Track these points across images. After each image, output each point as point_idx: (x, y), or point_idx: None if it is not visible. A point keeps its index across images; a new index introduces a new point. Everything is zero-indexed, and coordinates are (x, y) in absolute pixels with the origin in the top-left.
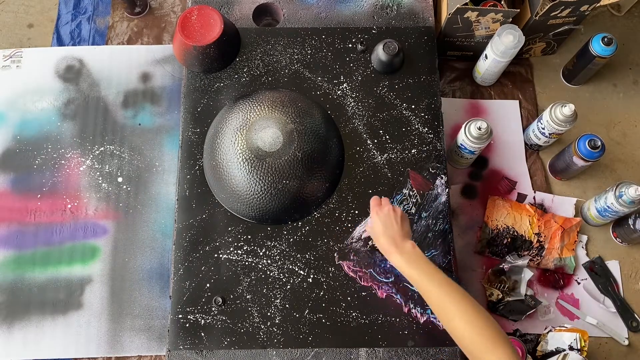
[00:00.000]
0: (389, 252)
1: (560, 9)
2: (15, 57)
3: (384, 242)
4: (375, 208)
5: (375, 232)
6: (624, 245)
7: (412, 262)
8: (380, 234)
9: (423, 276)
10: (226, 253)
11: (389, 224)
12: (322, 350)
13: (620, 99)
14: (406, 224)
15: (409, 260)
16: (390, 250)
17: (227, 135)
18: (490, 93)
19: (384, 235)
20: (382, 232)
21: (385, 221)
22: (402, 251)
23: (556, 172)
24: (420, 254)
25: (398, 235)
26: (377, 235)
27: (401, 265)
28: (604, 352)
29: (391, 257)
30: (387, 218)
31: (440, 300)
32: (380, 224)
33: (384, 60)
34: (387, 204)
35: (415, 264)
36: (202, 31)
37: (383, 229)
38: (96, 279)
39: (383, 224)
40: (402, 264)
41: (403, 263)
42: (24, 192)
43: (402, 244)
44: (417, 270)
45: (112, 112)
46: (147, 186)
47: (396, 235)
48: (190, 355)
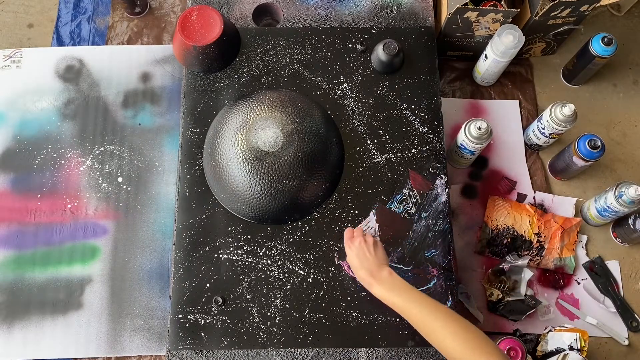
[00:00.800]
0: (369, 284)
1: (560, 9)
2: (15, 57)
3: (362, 275)
4: (348, 242)
5: (353, 266)
6: (624, 245)
7: (392, 290)
8: (357, 268)
9: (405, 302)
10: (226, 253)
11: (362, 256)
12: (322, 350)
13: (620, 99)
14: (380, 251)
15: (389, 288)
16: (370, 281)
17: (227, 135)
18: (490, 93)
19: (360, 269)
20: (358, 266)
21: (358, 254)
22: (380, 281)
23: (556, 172)
24: (398, 280)
25: (374, 265)
26: (355, 269)
27: (382, 295)
28: (604, 352)
29: (372, 289)
30: (359, 250)
31: (427, 322)
32: (354, 256)
33: (384, 60)
34: (359, 235)
35: (395, 291)
36: (202, 31)
37: (359, 262)
38: (96, 279)
39: (357, 257)
40: (382, 293)
41: (384, 292)
42: (24, 192)
43: (379, 273)
44: (398, 297)
45: (112, 112)
46: (147, 186)
47: (372, 266)
48: (190, 355)
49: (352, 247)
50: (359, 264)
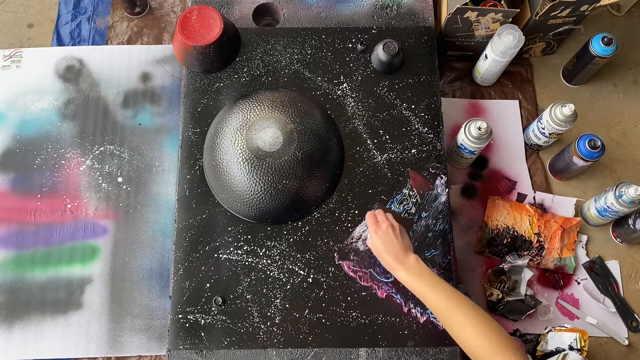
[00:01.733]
0: (393, 268)
1: (560, 9)
2: (15, 57)
3: (388, 260)
4: (373, 226)
5: (377, 251)
6: (624, 245)
7: (418, 276)
8: (382, 252)
9: (430, 289)
10: (226, 253)
11: (389, 241)
12: (322, 350)
13: (620, 99)
14: (406, 237)
15: (415, 274)
16: (395, 266)
17: (227, 135)
18: (490, 93)
19: (386, 253)
20: (384, 250)
21: (385, 239)
22: (406, 266)
23: (556, 172)
24: (424, 267)
25: (400, 250)
26: (380, 253)
27: (407, 280)
28: (604, 352)
29: (396, 273)
30: (386, 235)
31: (449, 312)
32: (380, 242)
33: (384, 60)
34: (384, 220)
35: (420, 278)
36: (202, 31)
37: (384, 247)
38: (96, 279)
39: (383, 242)
40: (407, 279)
41: (409, 278)
42: (24, 192)
43: (405, 259)
44: (423, 284)
45: (112, 112)
46: (147, 186)
47: (398, 252)
48: (190, 355)
49: (378, 231)
50: (384, 249)
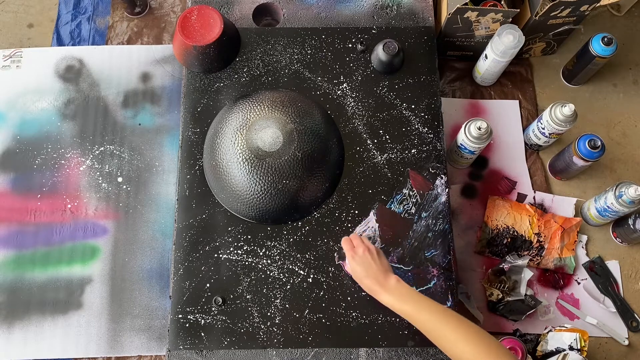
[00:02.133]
0: (375, 292)
1: (560, 9)
2: (15, 57)
3: (368, 284)
4: (350, 252)
5: (357, 275)
6: (624, 245)
7: (401, 298)
8: (362, 277)
9: (415, 309)
10: (226, 253)
11: (367, 264)
12: (322, 350)
13: (620, 99)
14: (384, 259)
15: (398, 296)
16: (377, 290)
17: (227, 135)
18: (490, 93)
19: (366, 277)
20: (364, 275)
21: (362, 263)
22: (388, 289)
23: (556, 172)
24: (406, 287)
25: (380, 273)
26: (359, 278)
27: (391, 303)
28: (604, 352)
29: (379, 296)
30: (363, 260)
31: (438, 329)
32: (359, 266)
33: (384, 60)
34: (360, 244)
35: (404, 299)
36: (202, 31)
37: (363, 271)
38: (96, 279)
39: (361, 266)
40: (391, 301)
41: (393, 301)
42: (24, 192)
43: (386, 281)
44: (408, 306)
45: (112, 112)
46: (147, 186)
47: (378, 274)
48: (190, 355)
49: (355, 256)
50: (364, 273)
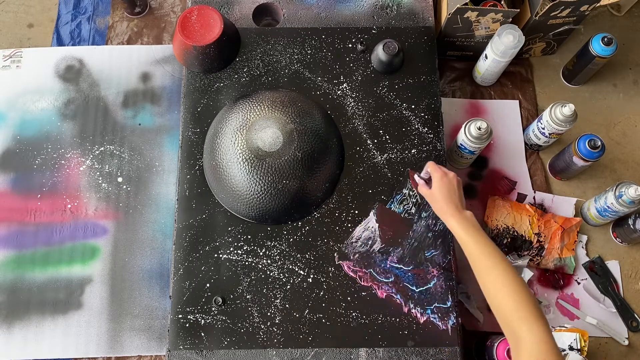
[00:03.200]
0: (449, 214)
1: (560, 9)
2: (15, 57)
3: (445, 205)
4: (439, 171)
5: (437, 195)
6: (624, 245)
7: (468, 229)
8: (443, 197)
9: (476, 243)
10: (226, 253)
11: (453, 190)
12: (322, 350)
13: (620, 99)
14: (462, 195)
15: (467, 226)
16: (452, 213)
17: (227, 135)
18: (490, 93)
19: (446, 199)
20: (446, 195)
21: (449, 187)
22: (462, 217)
23: (556, 172)
24: (477, 224)
25: (460, 203)
26: (438, 198)
27: (458, 230)
28: (604, 352)
29: (449, 220)
30: (450, 185)
31: (488, 268)
32: (444, 187)
33: (384, 60)
34: (453, 173)
35: (470, 230)
36: (202, 31)
37: (447, 193)
38: (96, 279)
39: (447, 188)
40: (459, 229)
41: (460, 229)
42: (24, 192)
43: (463, 210)
44: (471, 237)
45: (112, 112)
46: (147, 186)
47: (458, 203)
48: (190, 355)
49: (443, 177)
50: (447, 194)
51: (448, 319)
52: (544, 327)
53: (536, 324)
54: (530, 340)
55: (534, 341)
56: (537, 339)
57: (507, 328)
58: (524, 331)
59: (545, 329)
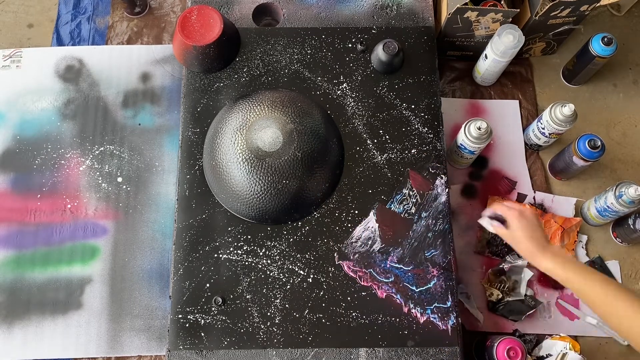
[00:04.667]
0: (536, 255)
1: (560, 9)
2: (15, 57)
3: (530, 246)
4: (515, 210)
5: (518, 236)
6: (624, 245)
7: (564, 265)
8: (524, 238)
9: (581, 278)
10: (226, 253)
11: (535, 227)
12: (322, 350)
13: (620, 99)
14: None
15: (561, 263)
16: (541, 254)
17: (227, 135)
18: (490, 93)
19: (530, 239)
20: (527, 236)
21: (530, 226)
22: (552, 254)
23: (556, 172)
24: (569, 256)
25: (544, 239)
26: (520, 239)
27: (554, 270)
28: (604, 352)
29: (540, 260)
30: (531, 222)
31: (609, 301)
32: (525, 228)
33: (384, 60)
34: (527, 207)
35: (568, 265)
36: (202, 31)
37: (530, 233)
38: (96, 279)
39: (528, 228)
40: (555, 267)
41: (557, 267)
42: (24, 192)
43: (551, 247)
44: (572, 273)
45: (112, 112)
46: (147, 186)
47: (543, 239)
48: (190, 355)
49: (522, 216)
50: (529, 234)
51: (448, 319)
52: None
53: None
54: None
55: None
56: None
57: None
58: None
59: None
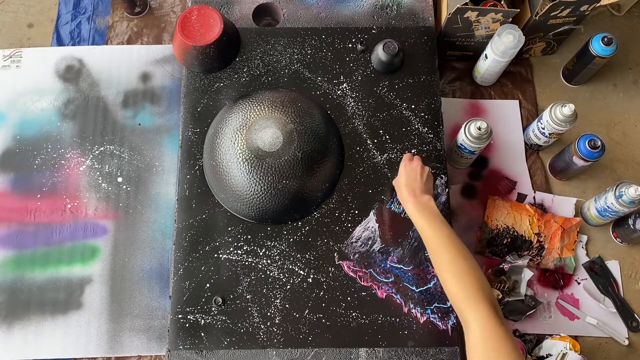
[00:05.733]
0: (406, 200)
1: (560, 9)
2: (15, 57)
3: (404, 192)
4: (405, 161)
5: (399, 182)
6: (624, 245)
7: (423, 212)
8: (402, 184)
9: (429, 226)
10: (226, 253)
11: (413, 177)
12: (322, 350)
13: (620, 99)
14: (430, 182)
15: (422, 210)
16: (408, 199)
17: (227, 135)
18: (490, 93)
19: (405, 186)
20: (404, 183)
21: (409, 174)
22: (418, 201)
23: (556, 172)
24: (433, 208)
25: (418, 188)
26: (400, 185)
27: (412, 214)
28: (604, 352)
29: (407, 205)
30: (412, 172)
31: (438, 252)
32: (405, 175)
33: (384, 60)
34: (418, 160)
35: (425, 214)
36: (202, 31)
37: (406, 180)
38: (96, 279)
39: (407, 175)
40: (413, 212)
41: (415, 212)
42: (24, 192)
43: (421, 196)
44: (425, 221)
45: (112, 112)
46: (147, 186)
47: (416, 188)
48: (190, 355)
49: (407, 165)
50: (405, 181)
51: (448, 319)
52: (489, 310)
53: (479, 305)
54: (475, 323)
55: (479, 324)
56: (482, 322)
57: (457, 312)
58: (469, 315)
59: (490, 312)
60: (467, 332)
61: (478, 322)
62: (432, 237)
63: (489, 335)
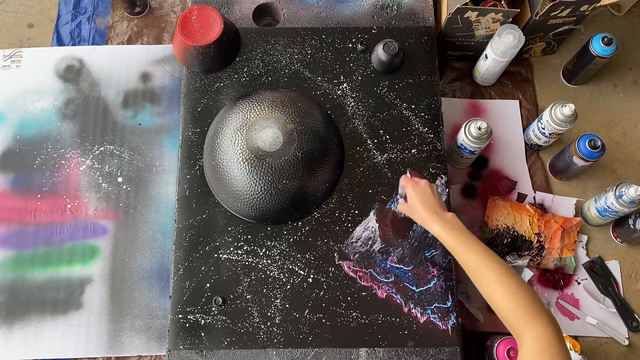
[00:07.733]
0: (427, 220)
1: (560, 9)
2: (15, 57)
3: (423, 212)
4: (411, 183)
5: (413, 204)
6: (624, 245)
7: (452, 231)
8: (417, 205)
9: (462, 247)
10: (226, 253)
11: (427, 195)
12: (322, 350)
13: (620, 99)
14: (441, 199)
15: (450, 229)
16: (430, 218)
17: (227, 135)
18: (490, 93)
19: (422, 205)
20: (419, 203)
21: (423, 194)
22: (442, 220)
23: (556, 172)
24: (460, 225)
25: (438, 206)
26: (414, 206)
27: (440, 235)
28: (604, 352)
29: (431, 225)
30: (424, 191)
31: (481, 272)
32: (418, 196)
33: (384, 60)
34: (422, 179)
35: (454, 232)
36: (202, 31)
37: (421, 199)
38: (96, 279)
39: (420, 196)
40: (441, 233)
41: (443, 232)
42: (24, 192)
43: (443, 214)
44: (456, 240)
45: (112, 112)
46: (147, 186)
47: (435, 205)
48: (190, 355)
49: (416, 186)
50: (420, 201)
51: (448, 319)
52: (546, 324)
53: (536, 321)
54: (532, 338)
55: (536, 339)
56: (538, 337)
57: (511, 329)
58: (524, 330)
59: (547, 325)
60: (521, 346)
61: (536, 338)
62: (470, 258)
63: (545, 351)
